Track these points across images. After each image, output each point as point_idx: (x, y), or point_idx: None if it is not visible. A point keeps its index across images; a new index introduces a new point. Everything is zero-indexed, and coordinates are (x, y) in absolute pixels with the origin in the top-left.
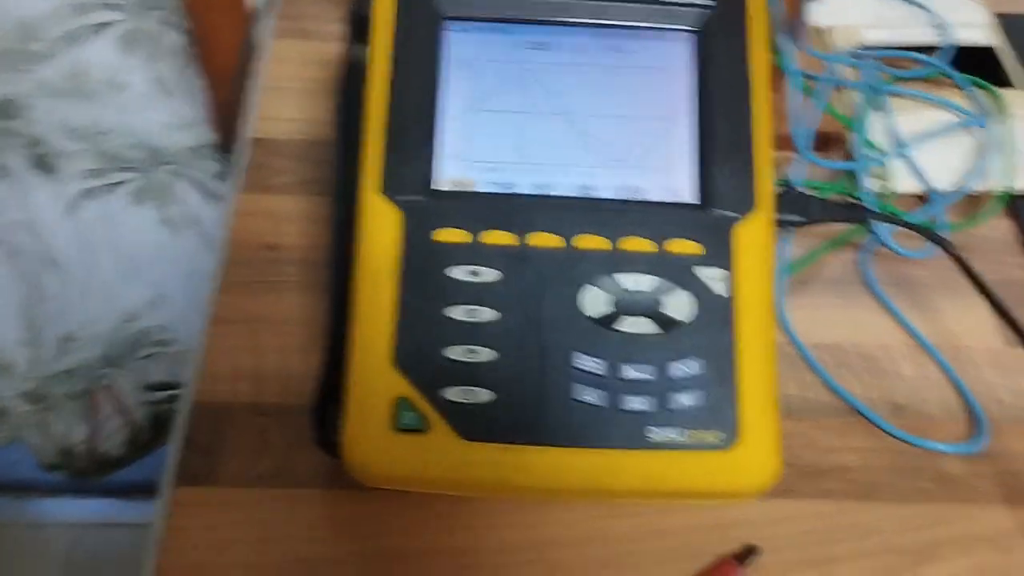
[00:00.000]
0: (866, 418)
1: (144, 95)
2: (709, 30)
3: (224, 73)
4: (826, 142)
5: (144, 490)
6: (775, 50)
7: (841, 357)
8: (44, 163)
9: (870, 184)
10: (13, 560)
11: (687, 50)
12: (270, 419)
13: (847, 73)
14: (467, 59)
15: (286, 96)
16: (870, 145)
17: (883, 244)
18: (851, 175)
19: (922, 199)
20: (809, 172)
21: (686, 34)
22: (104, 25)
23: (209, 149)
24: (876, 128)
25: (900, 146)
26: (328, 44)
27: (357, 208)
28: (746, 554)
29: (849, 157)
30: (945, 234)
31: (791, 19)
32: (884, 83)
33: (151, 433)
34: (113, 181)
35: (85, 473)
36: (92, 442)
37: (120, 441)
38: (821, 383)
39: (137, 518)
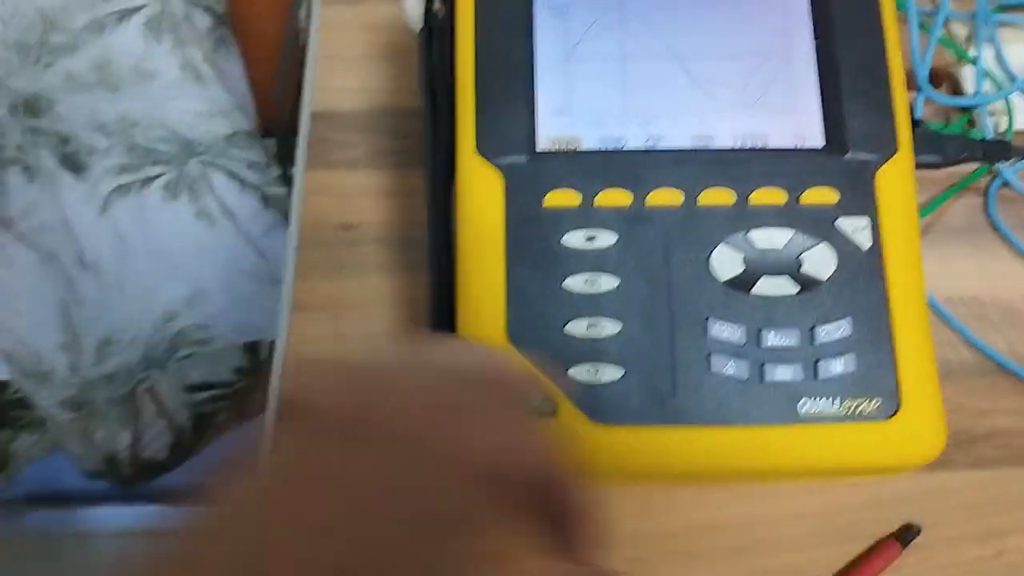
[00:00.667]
0: (1016, 376)
1: (173, 83)
2: None
3: (264, 52)
4: (936, 78)
5: (189, 496)
6: None
7: (979, 311)
8: (74, 161)
9: (989, 121)
10: (60, 572)
11: None
12: None
13: (953, 5)
14: (562, 4)
15: (342, 65)
16: (988, 75)
17: (1009, 185)
18: (966, 112)
19: None
20: (926, 111)
21: None
22: (129, 11)
23: (244, 137)
24: (987, 57)
25: (1014, 79)
26: (380, 5)
27: (453, 175)
28: (906, 534)
29: (959, 92)
30: None
31: None
32: (994, 13)
33: (194, 436)
34: (145, 176)
35: (130, 480)
36: (135, 448)
37: (163, 445)
38: (962, 341)
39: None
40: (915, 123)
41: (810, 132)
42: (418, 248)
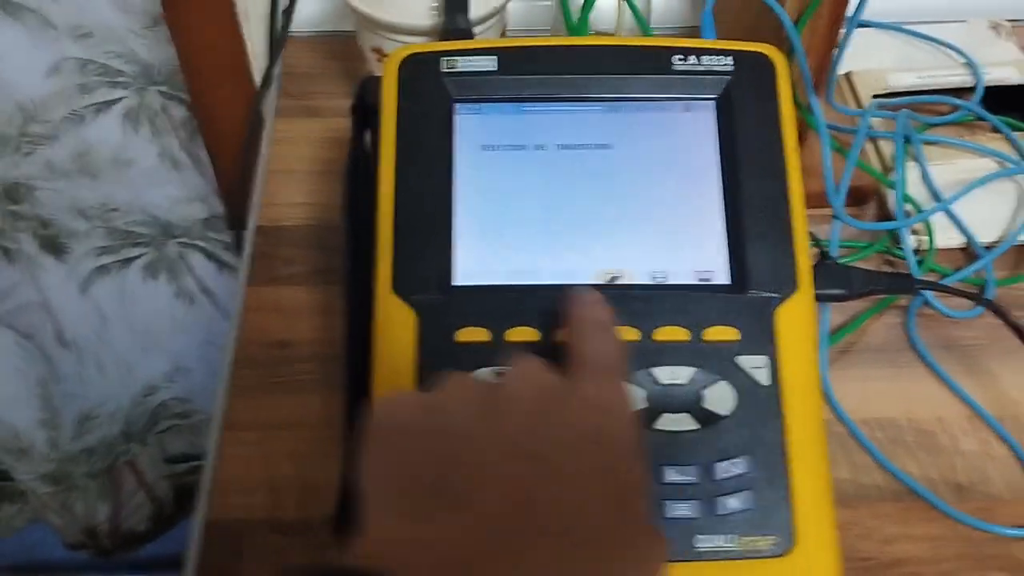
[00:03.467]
0: (927, 502)
1: (151, 170)
2: (730, 97)
3: (230, 148)
4: (860, 195)
5: (170, 565)
6: (801, 107)
7: (894, 433)
8: (54, 244)
9: (910, 241)
10: None
11: (708, 120)
12: (289, 537)
13: (876, 123)
14: (480, 143)
15: (293, 179)
16: (908, 200)
17: (929, 304)
18: (889, 232)
19: (965, 251)
20: (845, 230)
21: (706, 103)
22: (107, 103)
23: (220, 220)
24: (911, 177)
25: (938, 199)
26: (334, 120)
27: (373, 308)
28: None
29: (884, 209)
30: (993, 291)
31: (817, 73)
32: (917, 132)
33: (174, 506)
34: (125, 257)
35: (110, 551)
36: (116, 519)
37: (144, 516)
38: (875, 464)
39: None
40: (823, 256)
41: (717, 269)
42: None
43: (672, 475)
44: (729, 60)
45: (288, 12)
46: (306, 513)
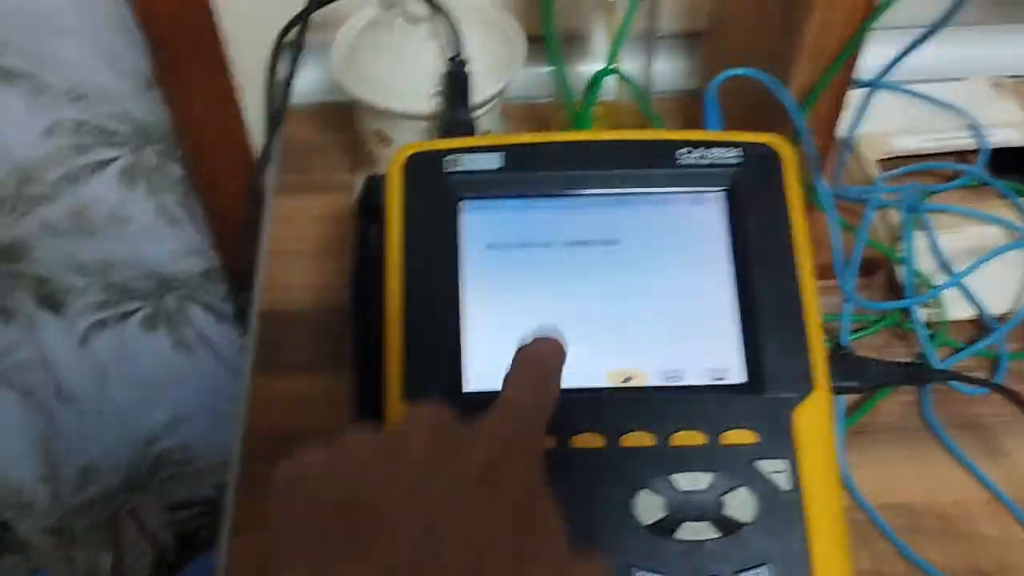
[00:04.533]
0: None
1: (148, 226)
2: (738, 189)
3: (228, 214)
4: (868, 266)
5: None
6: (809, 187)
7: (914, 520)
8: (52, 301)
9: (922, 315)
10: None
11: (717, 212)
12: None
13: (883, 196)
14: (487, 242)
15: (295, 260)
16: (918, 274)
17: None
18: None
19: (975, 322)
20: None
21: (714, 195)
22: (104, 163)
23: (218, 272)
24: (919, 246)
25: (947, 269)
26: (333, 196)
27: (383, 412)
28: None
29: (893, 280)
30: (1006, 365)
31: (823, 151)
32: (924, 202)
33: (176, 554)
34: (123, 311)
35: None
36: (119, 569)
37: (146, 564)
38: (896, 553)
39: None
40: (837, 347)
41: (731, 368)
42: None
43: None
44: (737, 152)
45: (287, 85)
46: None
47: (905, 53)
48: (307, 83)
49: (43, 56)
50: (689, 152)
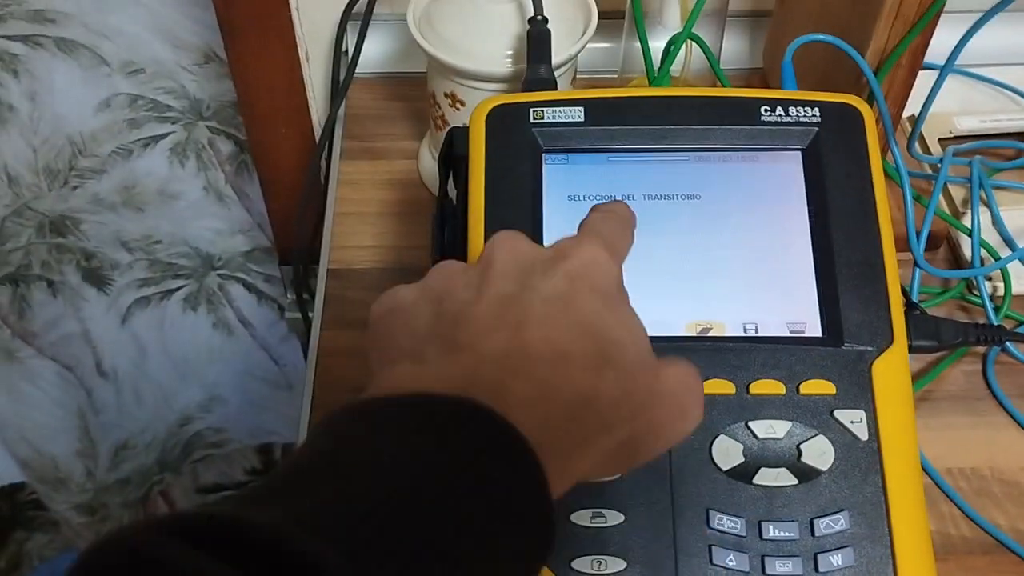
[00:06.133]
0: (1017, 555)
1: (195, 204)
2: (818, 148)
3: (285, 186)
4: (932, 241)
5: None
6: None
7: (980, 484)
8: (97, 276)
9: (987, 287)
10: None
11: (796, 170)
12: None
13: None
14: (569, 193)
15: (359, 221)
16: (985, 246)
17: (1006, 352)
18: (964, 280)
19: None
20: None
21: (793, 154)
22: (156, 138)
23: (261, 253)
24: (983, 222)
25: (1010, 244)
26: (397, 163)
27: None
28: None
29: (956, 254)
30: None
31: (895, 121)
32: (987, 177)
33: None
34: (166, 289)
35: None
36: None
37: None
38: (962, 515)
39: None
40: (910, 306)
41: (808, 322)
42: None
43: (774, 531)
44: (816, 111)
45: (354, 58)
46: None
47: (971, 33)
48: (372, 54)
49: (103, 29)
50: (771, 111)
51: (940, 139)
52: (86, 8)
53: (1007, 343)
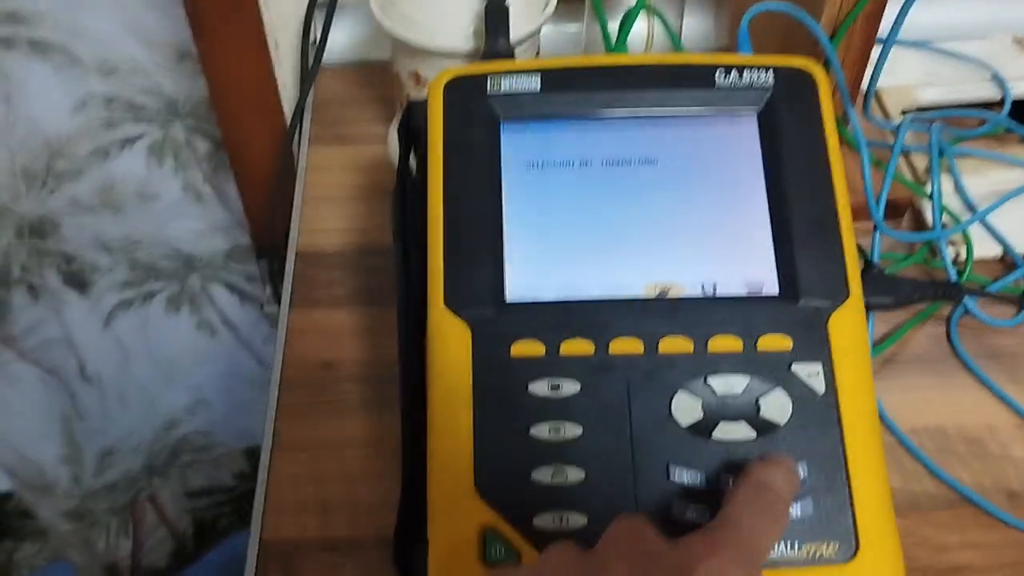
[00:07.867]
0: (980, 508)
1: (175, 204)
2: (773, 110)
3: (259, 179)
4: (894, 208)
5: None
6: (837, 121)
7: (943, 442)
8: (78, 279)
9: (948, 252)
10: None
11: (752, 133)
12: (341, 555)
13: (907, 137)
14: (527, 161)
15: (328, 205)
16: (945, 210)
17: (970, 313)
18: (927, 242)
19: (1003, 262)
20: (882, 242)
21: (752, 115)
22: (132, 138)
23: (242, 252)
24: (946, 189)
25: (973, 210)
26: (366, 147)
27: (426, 324)
28: None
29: (920, 221)
30: None
31: (852, 88)
32: (950, 145)
33: (195, 541)
34: (148, 291)
35: None
36: (137, 556)
37: (165, 552)
38: (925, 472)
39: None
40: (868, 264)
41: (765, 280)
42: (395, 387)
43: (732, 484)
44: (770, 74)
45: (320, 44)
46: (358, 532)
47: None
48: (339, 42)
49: (75, 29)
50: (726, 75)
51: (903, 111)
52: (56, 7)
53: (966, 303)
